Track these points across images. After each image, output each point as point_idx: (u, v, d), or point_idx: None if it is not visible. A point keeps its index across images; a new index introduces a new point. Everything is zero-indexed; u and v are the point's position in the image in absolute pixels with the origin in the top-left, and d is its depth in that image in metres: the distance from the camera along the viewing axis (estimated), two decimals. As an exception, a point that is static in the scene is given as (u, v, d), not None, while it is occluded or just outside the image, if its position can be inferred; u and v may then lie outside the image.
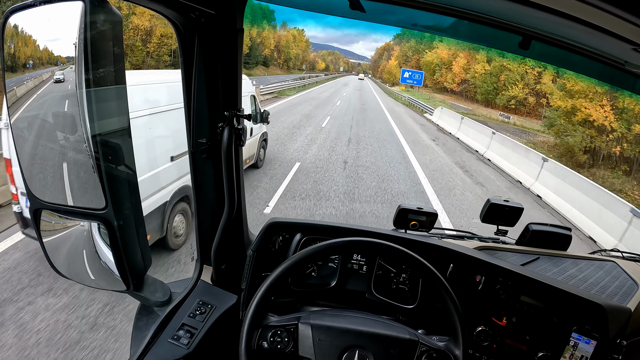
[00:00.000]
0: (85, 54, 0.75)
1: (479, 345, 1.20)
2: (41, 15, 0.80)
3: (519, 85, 30.38)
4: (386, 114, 21.91)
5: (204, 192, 1.16)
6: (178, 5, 0.89)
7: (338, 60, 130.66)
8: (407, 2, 0.91)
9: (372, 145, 11.64)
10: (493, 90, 31.74)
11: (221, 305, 1.18)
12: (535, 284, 1.17)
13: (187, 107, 1.04)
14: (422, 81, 38.47)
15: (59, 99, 0.86)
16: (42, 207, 0.86)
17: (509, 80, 30.34)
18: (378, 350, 0.90)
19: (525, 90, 30.36)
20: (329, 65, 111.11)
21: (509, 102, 30.55)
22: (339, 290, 1.27)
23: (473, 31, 1.04)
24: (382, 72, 78.15)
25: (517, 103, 30.53)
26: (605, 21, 0.71)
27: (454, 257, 1.23)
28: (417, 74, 38.17)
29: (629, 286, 1.31)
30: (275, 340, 0.92)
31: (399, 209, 1.42)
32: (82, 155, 0.81)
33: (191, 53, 0.98)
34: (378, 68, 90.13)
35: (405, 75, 38.70)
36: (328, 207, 5.96)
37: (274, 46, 56.42)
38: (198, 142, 1.07)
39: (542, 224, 1.50)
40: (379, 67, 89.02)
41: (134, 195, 0.89)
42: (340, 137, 12.05)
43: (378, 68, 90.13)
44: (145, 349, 1.01)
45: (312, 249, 1.00)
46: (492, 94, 31.74)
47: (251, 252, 1.25)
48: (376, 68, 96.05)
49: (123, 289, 0.92)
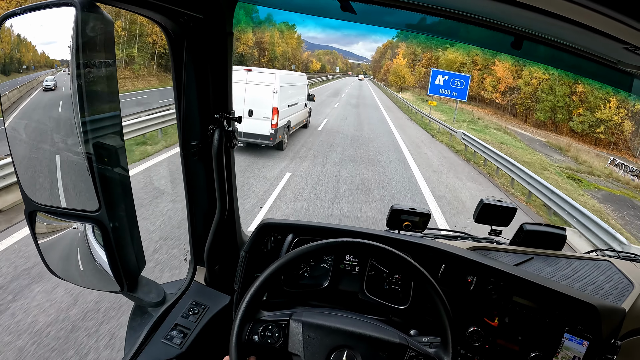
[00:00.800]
0: (77, 58, 0.76)
1: (471, 346, 1.19)
2: (34, 21, 0.81)
3: (611, 104, 19.20)
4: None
5: (196, 193, 1.17)
6: (167, 11, 0.89)
7: (336, 60, 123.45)
8: (397, 4, 0.91)
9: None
10: (564, 107, 18.76)
11: (214, 305, 1.19)
12: (528, 284, 1.17)
13: (178, 110, 1.05)
14: (467, 92, 22.46)
15: (53, 102, 0.87)
16: (36, 209, 0.88)
17: (593, 95, 17.22)
18: (367, 352, 0.90)
19: (620, 112, 19.33)
20: (325, 65, 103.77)
21: (594, 128, 19.22)
22: (331, 291, 1.27)
23: (465, 32, 1.04)
24: (385, 74, 70.03)
25: (606, 130, 19.13)
26: (596, 21, 0.71)
27: (446, 258, 1.22)
28: (459, 80, 21.94)
29: (624, 286, 1.30)
30: (266, 334, 0.92)
31: (392, 210, 1.42)
32: (76, 158, 0.82)
33: (181, 56, 0.99)
34: (380, 68, 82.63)
35: (439, 81, 22.10)
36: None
37: (252, 42, 47.40)
38: (189, 145, 1.08)
39: (536, 224, 1.49)
40: (381, 68, 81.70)
41: (128, 196, 0.90)
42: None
43: (380, 68, 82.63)
44: (139, 349, 1.02)
45: (305, 248, 1.00)
46: (564, 113, 18.63)
47: (244, 253, 1.26)
48: (377, 68, 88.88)
49: (117, 289, 0.93)
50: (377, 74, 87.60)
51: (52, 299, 3.21)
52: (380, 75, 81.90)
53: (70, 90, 0.79)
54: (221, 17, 0.98)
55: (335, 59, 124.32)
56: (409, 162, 10.04)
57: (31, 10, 0.78)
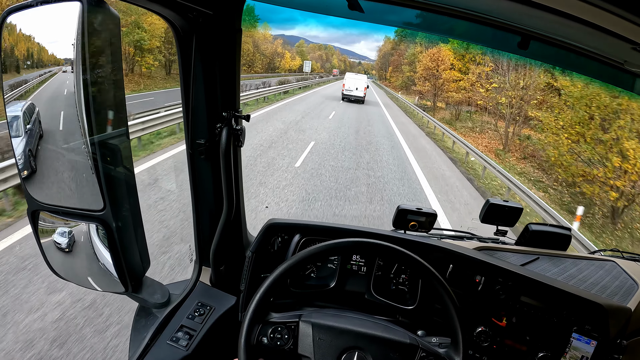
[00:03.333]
0: (83, 54, 0.75)
1: (479, 346, 1.19)
2: (39, 16, 0.80)
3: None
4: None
5: (202, 193, 1.16)
6: (176, 6, 0.88)
7: (331, 56, 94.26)
8: (406, 2, 0.91)
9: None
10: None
11: (220, 306, 1.18)
12: (535, 284, 1.17)
13: (185, 108, 1.04)
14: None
15: (57, 99, 0.85)
16: (40, 208, 0.86)
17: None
18: (377, 353, 0.90)
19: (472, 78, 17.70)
20: (314, 63, 74.76)
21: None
22: (338, 291, 1.26)
23: (472, 31, 1.04)
24: (397, 74, 43.96)
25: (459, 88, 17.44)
26: (604, 20, 0.71)
27: (454, 258, 1.22)
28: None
29: (629, 286, 1.31)
30: (275, 336, 0.91)
31: (398, 210, 1.41)
32: (81, 157, 0.81)
33: (189, 53, 0.98)
34: (388, 67, 57.26)
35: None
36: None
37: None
38: (196, 143, 1.07)
39: (542, 224, 1.50)
40: (387, 67, 56.84)
41: (132, 196, 0.89)
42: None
43: (388, 67, 57.26)
44: (144, 350, 1.00)
45: (312, 249, 0.99)
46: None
47: (250, 253, 1.25)
48: (385, 66, 60.81)
49: (121, 290, 0.91)
50: (384, 74, 60.43)
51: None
52: (388, 75, 55.13)
53: (74, 88, 0.78)
54: (230, 13, 0.97)
55: (330, 54, 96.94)
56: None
57: (37, 4, 0.77)
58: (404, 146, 12.43)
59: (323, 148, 10.07)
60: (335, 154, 9.57)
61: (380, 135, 14.05)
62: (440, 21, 1.01)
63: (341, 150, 10.15)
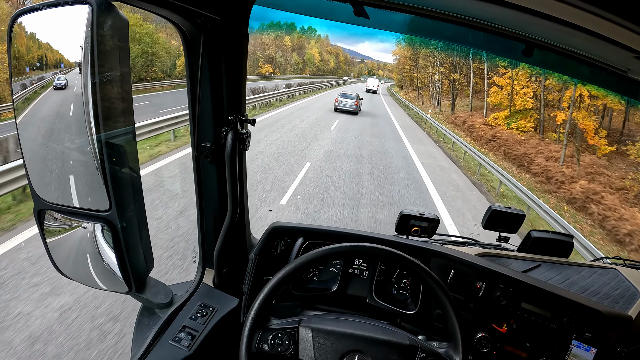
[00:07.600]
0: (91, 57, 0.76)
1: (479, 352, 1.19)
2: (48, 18, 0.81)
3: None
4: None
5: (207, 195, 1.17)
6: (184, 11, 0.89)
7: (337, 56, 73.08)
8: (411, 10, 0.92)
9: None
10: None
11: (222, 308, 1.18)
12: (536, 290, 1.17)
13: (192, 111, 1.05)
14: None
15: (65, 101, 0.86)
16: (46, 207, 0.87)
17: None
18: (378, 355, 0.90)
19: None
20: (301, 63, 56.83)
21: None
22: (340, 295, 1.27)
23: (477, 38, 1.04)
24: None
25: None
26: (607, 29, 0.72)
27: (455, 264, 1.22)
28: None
29: (631, 294, 1.31)
30: (276, 343, 0.91)
31: (401, 215, 1.42)
32: (87, 157, 0.82)
33: (196, 58, 0.99)
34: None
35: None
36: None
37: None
38: (202, 146, 1.08)
39: (544, 232, 1.50)
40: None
41: (138, 197, 0.90)
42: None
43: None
44: (147, 350, 1.01)
45: (315, 253, 1.00)
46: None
47: (253, 255, 1.26)
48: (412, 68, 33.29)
49: (125, 290, 0.92)
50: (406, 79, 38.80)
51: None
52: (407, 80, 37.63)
53: (82, 90, 0.79)
54: (237, 19, 0.98)
55: (336, 52, 73.81)
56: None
57: (46, 7, 0.78)
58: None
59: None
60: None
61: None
62: (445, 28, 1.01)
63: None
